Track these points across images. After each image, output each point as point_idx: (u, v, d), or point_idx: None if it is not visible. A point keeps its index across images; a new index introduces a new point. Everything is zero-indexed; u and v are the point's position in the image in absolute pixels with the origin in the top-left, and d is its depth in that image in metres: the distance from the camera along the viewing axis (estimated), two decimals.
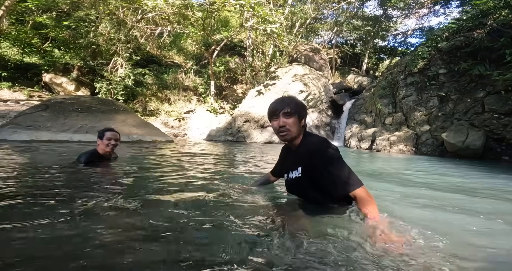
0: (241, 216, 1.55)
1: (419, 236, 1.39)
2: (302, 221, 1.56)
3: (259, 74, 14.60)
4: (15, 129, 6.12)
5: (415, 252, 1.22)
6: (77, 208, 1.63)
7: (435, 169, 4.92)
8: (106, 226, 1.39)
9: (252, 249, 1.17)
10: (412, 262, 1.12)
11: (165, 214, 1.62)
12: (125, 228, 1.39)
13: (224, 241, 1.24)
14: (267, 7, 12.37)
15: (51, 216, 1.46)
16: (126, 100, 12.69)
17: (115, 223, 1.49)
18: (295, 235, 1.30)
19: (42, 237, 1.22)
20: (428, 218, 1.84)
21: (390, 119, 10.18)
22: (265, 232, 1.36)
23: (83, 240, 1.21)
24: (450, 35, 9.35)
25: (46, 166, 3.04)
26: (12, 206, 1.66)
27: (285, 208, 1.81)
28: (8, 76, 11.85)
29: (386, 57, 23.09)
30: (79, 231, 1.31)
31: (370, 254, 1.15)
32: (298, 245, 1.19)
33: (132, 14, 13.35)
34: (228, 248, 1.15)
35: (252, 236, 1.30)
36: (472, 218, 1.88)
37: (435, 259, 1.18)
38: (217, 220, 1.51)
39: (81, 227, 1.37)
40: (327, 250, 1.17)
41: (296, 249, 1.16)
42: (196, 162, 4.08)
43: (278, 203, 1.93)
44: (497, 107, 7.56)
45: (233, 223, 1.45)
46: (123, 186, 2.35)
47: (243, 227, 1.40)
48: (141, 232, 1.34)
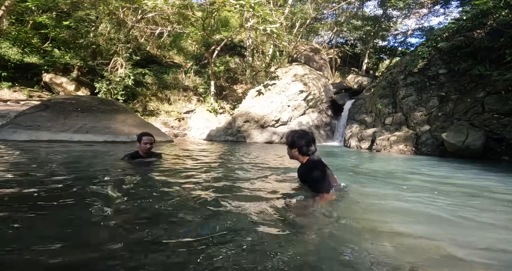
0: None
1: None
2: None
3: (259, 74, 14.60)
4: (15, 129, 6.12)
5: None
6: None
7: (436, 169, 4.92)
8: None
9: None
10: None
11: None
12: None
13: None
14: (267, 7, 12.36)
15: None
16: (126, 100, 12.69)
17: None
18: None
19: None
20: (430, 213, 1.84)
21: (390, 119, 10.18)
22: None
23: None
24: (450, 35, 9.35)
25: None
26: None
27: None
28: (8, 76, 11.85)
29: (386, 57, 23.07)
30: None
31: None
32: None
33: (132, 14, 13.34)
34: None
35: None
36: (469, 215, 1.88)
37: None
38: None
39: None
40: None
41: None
42: (196, 162, 4.07)
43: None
44: (497, 107, 7.55)
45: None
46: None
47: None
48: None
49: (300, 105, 12.03)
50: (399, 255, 1.23)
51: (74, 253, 1.12)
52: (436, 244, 1.38)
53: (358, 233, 1.48)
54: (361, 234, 1.48)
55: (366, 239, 1.42)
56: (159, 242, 1.24)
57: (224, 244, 1.25)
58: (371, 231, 1.54)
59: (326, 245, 1.30)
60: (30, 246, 1.16)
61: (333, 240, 1.38)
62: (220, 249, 1.20)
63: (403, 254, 1.25)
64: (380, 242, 1.38)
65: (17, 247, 1.15)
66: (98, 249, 1.16)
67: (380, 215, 1.85)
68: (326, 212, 1.83)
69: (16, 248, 1.14)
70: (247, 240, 1.29)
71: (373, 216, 1.82)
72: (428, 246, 1.35)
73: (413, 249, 1.31)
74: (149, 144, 3.47)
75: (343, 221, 1.67)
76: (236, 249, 1.20)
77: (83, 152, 4.72)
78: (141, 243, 1.23)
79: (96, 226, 1.42)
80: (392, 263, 1.15)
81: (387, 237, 1.45)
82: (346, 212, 1.90)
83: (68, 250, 1.15)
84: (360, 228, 1.57)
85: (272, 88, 11.97)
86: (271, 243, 1.27)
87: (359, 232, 1.50)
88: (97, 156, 4.36)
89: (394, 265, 1.13)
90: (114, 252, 1.14)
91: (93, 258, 1.08)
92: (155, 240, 1.25)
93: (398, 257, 1.21)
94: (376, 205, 2.09)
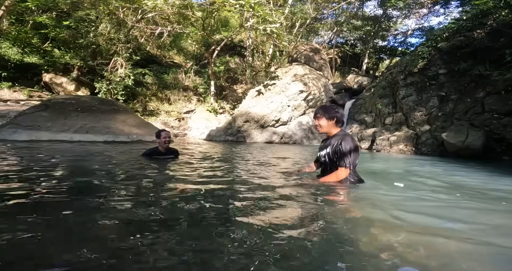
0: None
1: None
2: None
3: (259, 74, 14.60)
4: (15, 129, 6.12)
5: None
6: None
7: (436, 170, 4.93)
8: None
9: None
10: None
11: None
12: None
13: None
14: (267, 7, 12.36)
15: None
16: (126, 100, 12.69)
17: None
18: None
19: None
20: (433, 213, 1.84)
21: (390, 119, 10.19)
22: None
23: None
24: (450, 35, 9.35)
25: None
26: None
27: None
28: (8, 76, 11.85)
29: (386, 57, 23.08)
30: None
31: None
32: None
33: (132, 14, 13.34)
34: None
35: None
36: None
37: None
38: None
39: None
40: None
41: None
42: (196, 162, 4.08)
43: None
44: (497, 107, 7.56)
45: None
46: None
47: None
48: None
49: (300, 105, 12.03)
50: (400, 255, 1.23)
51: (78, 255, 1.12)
52: (436, 244, 1.38)
53: (360, 233, 1.48)
54: (363, 234, 1.48)
55: (366, 240, 1.42)
56: (160, 242, 1.24)
57: (226, 243, 1.25)
58: (372, 231, 1.55)
59: (326, 245, 1.30)
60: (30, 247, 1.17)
61: (333, 240, 1.38)
62: (220, 248, 1.20)
63: (403, 254, 1.25)
64: (380, 242, 1.39)
65: (17, 247, 1.15)
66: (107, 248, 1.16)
67: (380, 215, 1.85)
68: (327, 212, 1.83)
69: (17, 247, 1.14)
70: (249, 239, 1.29)
71: (374, 216, 1.82)
72: (428, 246, 1.35)
73: (413, 249, 1.31)
74: (168, 138, 3.82)
75: (348, 220, 1.67)
76: (237, 248, 1.20)
77: (83, 152, 4.73)
78: (142, 242, 1.23)
79: (101, 226, 1.42)
80: (392, 262, 1.15)
81: (387, 238, 1.45)
82: (348, 212, 1.91)
83: (70, 250, 1.16)
84: (364, 228, 1.57)
85: (272, 88, 11.97)
86: (272, 243, 1.28)
87: (361, 232, 1.50)
88: (96, 156, 4.36)
89: (394, 265, 1.13)
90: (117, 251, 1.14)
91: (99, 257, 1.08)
92: (157, 239, 1.25)
93: (399, 257, 1.21)
94: (377, 205, 2.10)
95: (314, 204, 2.01)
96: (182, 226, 1.47)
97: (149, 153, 3.93)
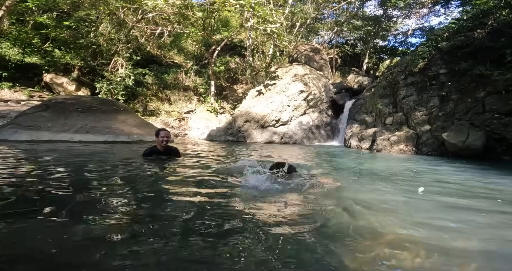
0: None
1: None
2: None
3: (259, 74, 14.59)
4: (15, 129, 6.12)
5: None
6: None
7: (436, 169, 4.92)
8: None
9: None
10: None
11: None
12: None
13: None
14: (267, 7, 12.36)
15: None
16: (127, 100, 12.69)
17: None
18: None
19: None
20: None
21: (390, 119, 10.17)
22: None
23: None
24: (450, 35, 9.33)
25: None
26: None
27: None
28: (9, 76, 11.85)
29: (387, 57, 23.03)
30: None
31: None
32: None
33: (132, 14, 13.35)
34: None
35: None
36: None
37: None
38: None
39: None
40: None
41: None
42: (196, 162, 4.08)
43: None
44: (497, 107, 7.54)
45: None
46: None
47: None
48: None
49: (300, 105, 12.03)
50: (399, 255, 1.23)
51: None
52: (435, 242, 1.38)
53: (358, 233, 1.48)
54: (362, 234, 1.48)
55: (366, 239, 1.42)
56: (161, 241, 1.24)
57: (226, 243, 1.25)
58: (371, 231, 1.54)
59: (325, 245, 1.30)
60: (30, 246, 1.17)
61: (332, 240, 1.38)
62: (220, 248, 1.20)
63: (403, 253, 1.25)
64: (380, 242, 1.38)
65: (17, 247, 1.15)
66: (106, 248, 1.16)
67: (380, 215, 1.85)
68: (327, 212, 1.83)
69: (17, 248, 1.15)
70: (250, 239, 1.29)
71: (373, 216, 1.82)
72: (428, 245, 1.35)
73: (413, 249, 1.31)
74: (166, 138, 3.82)
75: (344, 220, 1.67)
76: (237, 249, 1.20)
77: (83, 152, 4.73)
78: (143, 242, 1.23)
79: (101, 226, 1.42)
80: (392, 263, 1.15)
81: (387, 237, 1.45)
82: (347, 211, 1.90)
83: (70, 250, 1.16)
84: (361, 228, 1.57)
85: (272, 88, 11.97)
86: (272, 243, 1.28)
87: (360, 232, 1.50)
88: (97, 156, 4.37)
89: (394, 265, 1.13)
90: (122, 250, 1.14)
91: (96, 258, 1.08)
92: (158, 238, 1.26)
93: (399, 256, 1.21)
94: (376, 204, 2.09)
95: (314, 204, 2.01)
96: (180, 227, 1.47)
97: (149, 153, 3.95)
